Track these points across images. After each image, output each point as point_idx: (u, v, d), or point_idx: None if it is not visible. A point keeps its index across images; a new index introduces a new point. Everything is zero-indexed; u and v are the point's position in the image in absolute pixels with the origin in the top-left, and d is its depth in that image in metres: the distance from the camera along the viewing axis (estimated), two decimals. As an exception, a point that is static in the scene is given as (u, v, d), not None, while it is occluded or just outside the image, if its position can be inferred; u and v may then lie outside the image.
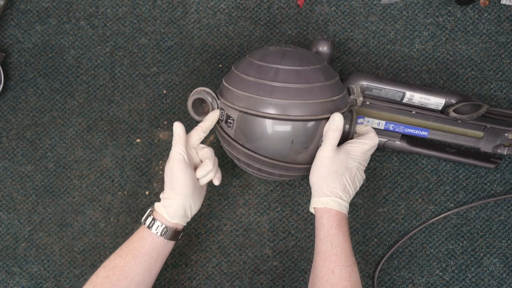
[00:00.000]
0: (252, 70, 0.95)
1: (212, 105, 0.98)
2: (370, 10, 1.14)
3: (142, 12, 1.14)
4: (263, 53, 0.97)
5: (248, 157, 0.97)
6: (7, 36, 1.13)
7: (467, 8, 1.14)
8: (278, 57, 0.95)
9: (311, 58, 0.97)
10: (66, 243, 1.12)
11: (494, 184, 1.13)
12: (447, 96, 1.05)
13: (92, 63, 1.13)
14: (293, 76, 0.94)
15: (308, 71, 0.94)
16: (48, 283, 1.11)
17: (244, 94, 0.94)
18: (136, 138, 1.13)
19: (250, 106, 0.94)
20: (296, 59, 0.95)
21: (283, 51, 0.96)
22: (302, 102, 0.93)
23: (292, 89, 0.93)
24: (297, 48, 0.98)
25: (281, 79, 0.93)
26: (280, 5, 1.14)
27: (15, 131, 1.12)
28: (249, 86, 0.94)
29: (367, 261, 1.12)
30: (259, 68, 0.95)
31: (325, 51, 1.04)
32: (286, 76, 0.94)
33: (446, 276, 1.12)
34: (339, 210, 0.93)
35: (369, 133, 0.98)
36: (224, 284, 1.12)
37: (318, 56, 1.01)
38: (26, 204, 1.12)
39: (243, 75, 0.95)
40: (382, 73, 1.14)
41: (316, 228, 0.94)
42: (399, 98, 1.05)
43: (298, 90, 0.93)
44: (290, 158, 0.96)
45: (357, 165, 0.95)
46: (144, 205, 1.12)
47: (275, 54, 0.96)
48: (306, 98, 0.93)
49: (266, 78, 0.94)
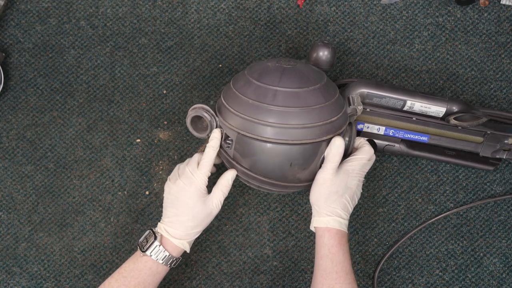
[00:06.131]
0: (250, 90, 0.94)
1: (211, 123, 0.96)
2: (370, 10, 1.14)
3: (142, 12, 1.14)
4: (261, 71, 0.95)
5: (247, 176, 0.97)
6: (7, 36, 1.13)
7: (467, 8, 1.14)
8: (277, 77, 0.93)
9: (310, 77, 0.95)
10: (66, 243, 1.12)
11: (494, 184, 1.13)
12: (448, 104, 1.04)
13: (92, 63, 1.13)
14: (292, 99, 0.92)
15: (307, 93, 0.93)
16: (48, 283, 1.11)
17: (242, 116, 0.93)
18: (136, 138, 1.13)
19: (247, 129, 0.93)
20: (295, 79, 0.94)
21: (282, 69, 0.95)
22: (300, 126, 0.92)
23: (291, 113, 0.92)
24: (296, 64, 0.96)
25: (280, 102, 0.92)
26: (280, 5, 1.14)
27: (15, 131, 1.12)
28: (247, 107, 0.93)
29: (367, 261, 1.12)
30: (258, 89, 0.93)
31: (325, 57, 1.02)
32: (284, 99, 0.92)
33: (446, 276, 1.13)
34: (340, 228, 0.95)
35: (364, 146, 0.98)
36: (224, 284, 1.12)
37: (318, 71, 0.99)
38: (26, 204, 1.12)
39: (242, 95, 0.94)
40: (382, 73, 1.14)
41: (316, 246, 0.96)
42: (400, 106, 1.05)
43: (296, 114, 0.92)
44: (289, 179, 0.96)
45: (357, 183, 0.96)
46: (144, 205, 1.12)
47: (274, 72, 0.94)
48: (305, 121, 0.92)
49: (265, 101, 0.92)
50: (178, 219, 0.95)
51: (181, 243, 0.96)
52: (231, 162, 0.97)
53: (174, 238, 0.95)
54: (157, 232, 0.96)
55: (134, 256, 0.97)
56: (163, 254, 0.95)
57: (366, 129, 1.07)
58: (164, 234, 0.95)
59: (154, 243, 0.95)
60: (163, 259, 0.95)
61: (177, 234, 0.95)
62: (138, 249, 0.96)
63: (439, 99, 1.04)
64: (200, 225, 0.96)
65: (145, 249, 0.95)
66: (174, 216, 0.95)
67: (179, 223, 0.95)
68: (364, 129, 1.07)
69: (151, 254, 0.95)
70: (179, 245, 0.96)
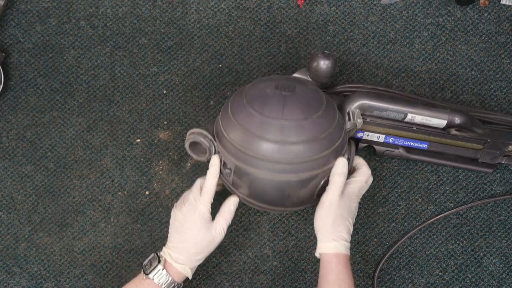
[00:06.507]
0: (254, 125, 0.91)
1: (210, 149, 0.96)
2: (370, 10, 1.14)
3: (142, 12, 1.14)
4: (262, 101, 0.92)
5: (248, 202, 0.98)
6: (7, 36, 1.13)
7: (467, 8, 1.14)
8: (280, 108, 0.90)
9: (311, 102, 0.92)
10: (66, 243, 1.12)
11: (494, 184, 1.13)
12: (450, 115, 1.03)
13: (92, 63, 1.13)
14: (297, 133, 0.90)
15: (311, 124, 0.91)
16: (48, 283, 1.11)
17: (244, 150, 0.91)
18: (136, 138, 1.13)
19: (248, 163, 0.92)
20: (297, 110, 0.91)
21: (283, 99, 0.91)
22: (307, 159, 0.91)
23: (297, 149, 0.90)
24: (295, 89, 0.93)
25: (286, 137, 0.90)
26: (280, 5, 1.14)
27: (15, 131, 1.12)
28: (250, 142, 0.91)
29: (367, 261, 1.12)
30: (262, 123, 0.90)
31: (325, 69, 1.00)
32: (290, 133, 0.90)
33: (446, 276, 1.13)
34: (346, 253, 0.95)
35: (362, 168, 0.98)
36: (224, 284, 1.12)
37: (316, 90, 0.96)
38: (26, 204, 1.12)
39: (244, 127, 0.91)
40: (382, 73, 1.14)
41: (322, 271, 0.95)
42: (401, 118, 1.03)
43: (303, 149, 0.90)
44: (287, 205, 0.96)
45: (357, 205, 0.97)
46: (144, 205, 1.12)
47: (276, 103, 0.91)
48: (310, 154, 0.91)
49: (269, 137, 0.90)
50: (182, 245, 0.96)
51: (184, 268, 0.97)
52: (230, 187, 0.98)
53: (177, 263, 0.96)
54: (161, 256, 0.97)
55: (137, 278, 0.98)
56: (166, 279, 0.96)
57: (366, 137, 1.07)
58: (168, 259, 0.97)
59: (157, 266, 0.96)
60: (165, 284, 0.96)
61: (180, 259, 0.96)
62: (142, 271, 0.98)
63: (441, 111, 1.03)
64: (203, 252, 0.97)
65: (148, 272, 0.96)
66: (178, 242, 0.97)
67: (182, 249, 0.96)
68: (364, 136, 1.07)
69: (153, 278, 0.96)
70: (181, 271, 0.97)
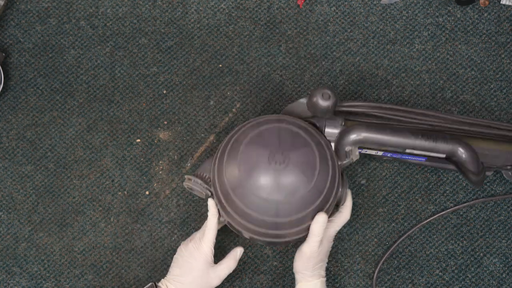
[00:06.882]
0: (253, 204, 0.92)
1: (206, 194, 1.00)
2: (370, 10, 1.14)
3: (142, 12, 1.14)
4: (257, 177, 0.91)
5: None
6: (7, 36, 1.13)
7: (467, 8, 1.14)
8: (275, 184, 0.91)
9: (306, 171, 0.92)
10: (66, 243, 1.12)
11: (494, 184, 1.13)
12: (451, 149, 0.99)
13: (92, 63, 1.13)
14: (295, 209, 0.93)
15: (307, 195, 0.92)
16: (48, 283, 1.11)
17: (238, 219, 0.95)
18: (136, 138, 1.13)
19: (239, 227, 0.96)
20: (293, 185, 0.91)
21: (277, 173, 0.91)
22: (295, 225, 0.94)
23: (289, 221, 0.94)
24: (288, 157, 0.91)
25: (281, 215, 0.92)
26: (280, 5, 1.14)
27: (15, 131, 1.12)
28: (248, 218, 0.94)
29: (367, 261, 1.12)
30: (261, 205, 0.92)
31: (324, 108, 0.98)
32: (285, 212, 0.92)
33: (446, 276, 1.13)
34: None
35: (343, 211, 1.01)
36: (224, 284, 1.12)
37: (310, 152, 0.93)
38: (26, 204, 1.12)
39: (241, 203, 0.93)
40: (382, 73, 1.14)
41: None
42: (400, 151, 1.01)
43: (296, 221, 0.94)
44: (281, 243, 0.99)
45: (332, 243, 1.02)
46: (144, 205, 1.12)
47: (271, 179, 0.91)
48: (299, 224, 0.95)
49: (266, 218, 0.93)
50: (180, 278, 0.99)
51: None
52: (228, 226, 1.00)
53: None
54: (159, 286, 1.00)
55: None
56: None
57: (364, 152, 1.04)
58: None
59: None
60: None
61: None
62: None
63: (441, 145, 0.99)
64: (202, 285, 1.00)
65: None
66: (177, 276, 1.00)
67: (180, 283, 0.99)
68: (362, 151, 1.04)
69: None
70: None
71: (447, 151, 0.99)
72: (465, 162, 0.99)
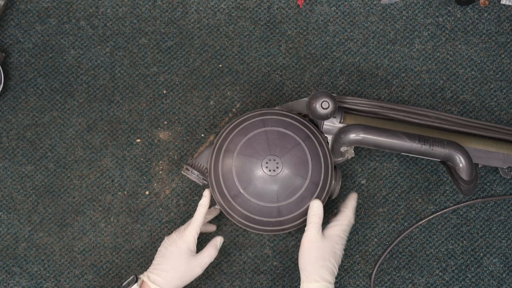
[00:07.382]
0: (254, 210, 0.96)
1: (204, 183, 1.02)
2: (370, 10, 1.14)
3: (142, 12, 1.14)
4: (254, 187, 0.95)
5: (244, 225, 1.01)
6: (7, 36, 1.13)
7: (467, 8, 1.14)
8: (274, 192, 0.95)
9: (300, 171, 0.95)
10: (66, 243, 1.12)
11: (494, 184, 1.13)
12: (446, 155, 0.99)
13: (92, 63, 1.13)
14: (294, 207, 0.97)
15: (305, 193, 0.96)
16: (48, 283, 1.11)
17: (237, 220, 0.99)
18: (136, 138, 1.13)
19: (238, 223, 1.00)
20: (290, 188, 0.95)
21: (273, 181, 0.95)
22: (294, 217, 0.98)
23: (289, 219, 0.97)
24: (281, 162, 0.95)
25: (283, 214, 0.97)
26: (280, 5, 1.14)
27: (15, 131, 1.12)
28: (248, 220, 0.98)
29: (367, 261, 1.12)
30: (261, 210, 0.96)
31: (323, 114, 0.97)
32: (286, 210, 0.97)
33: (446, 276, 1.13)
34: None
35: (345, 211, 1.01)
36: (224, 284, 1.12)
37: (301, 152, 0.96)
38: (26, 204, 1.12)
39: (241, 209, 0.97)
40: (382, 73, 1.14)
41: None
42: (397, 153, 1.03)
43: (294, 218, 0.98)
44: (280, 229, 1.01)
45: (341, 247, 1.00)
46: (144, 205, 1.12)
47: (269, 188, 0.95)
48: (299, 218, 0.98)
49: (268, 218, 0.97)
50: (161, 267, 0.99)
51: None
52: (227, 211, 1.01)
53: (153, 284, 0.99)
54: (140, 277, 1.00)
55: None
56: None
57: None
58: (145, 279, 0.99)
59: (133, 286, 0.99)
60: None
61: (157, 281, 0.99)
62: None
63: (437, 150, 0.99)
64: (180, 279, 0.99)
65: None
66: (159, 265, 1.00)
67: (162, 271, 0.99)
68: None
69: None
70: None
71: (442, 156, 1.00)
72: (459, 169, 1.00)
